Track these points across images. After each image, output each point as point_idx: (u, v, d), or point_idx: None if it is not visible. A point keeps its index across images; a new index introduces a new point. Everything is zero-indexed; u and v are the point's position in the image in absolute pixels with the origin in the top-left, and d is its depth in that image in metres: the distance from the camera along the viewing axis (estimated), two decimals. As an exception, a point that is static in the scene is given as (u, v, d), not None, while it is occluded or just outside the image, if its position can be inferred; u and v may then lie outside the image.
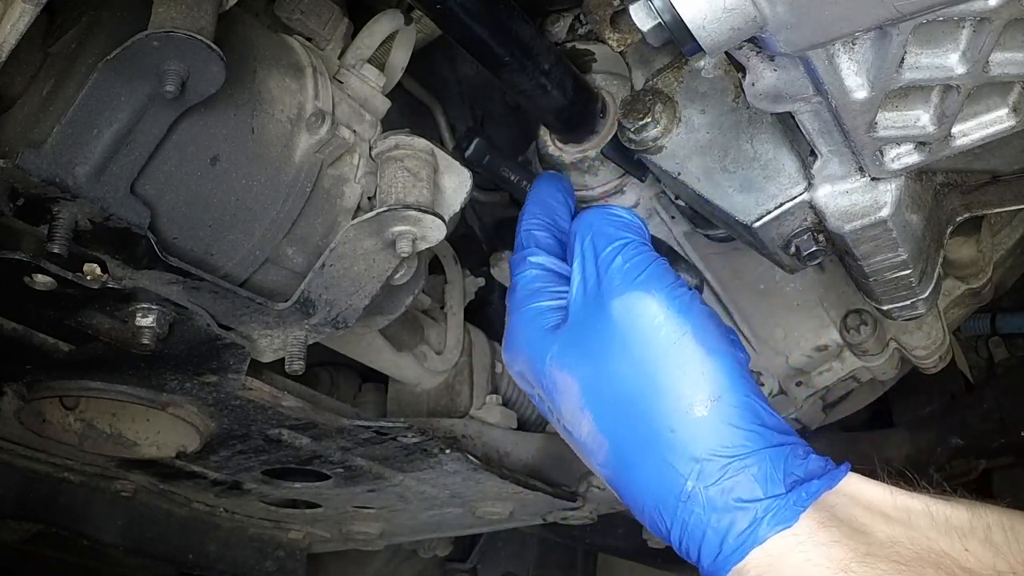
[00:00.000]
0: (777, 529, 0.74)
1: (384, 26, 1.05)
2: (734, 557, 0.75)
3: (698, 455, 0.77)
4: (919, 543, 0.72)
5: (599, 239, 0.87)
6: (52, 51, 0.81)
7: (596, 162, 1.16)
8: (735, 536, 0.75)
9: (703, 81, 0.99)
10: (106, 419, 1.15)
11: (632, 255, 0.85)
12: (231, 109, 0.84)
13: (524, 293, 0.93)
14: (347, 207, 0.97)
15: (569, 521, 1.59)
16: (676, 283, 0.84)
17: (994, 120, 0.75)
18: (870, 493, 0.77)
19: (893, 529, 0.74)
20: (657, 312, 0.81)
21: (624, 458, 0.82)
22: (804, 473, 0.77)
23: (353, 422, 1.15)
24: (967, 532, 0.73)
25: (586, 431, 0.84)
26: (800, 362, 1.30)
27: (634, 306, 0.82)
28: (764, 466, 0.76)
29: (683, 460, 0.78)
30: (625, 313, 0.82)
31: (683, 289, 0.84)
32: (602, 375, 0.83)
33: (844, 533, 0.73)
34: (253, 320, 0.95)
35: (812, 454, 0.80)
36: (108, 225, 0.78)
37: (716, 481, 0.76)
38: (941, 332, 1.30)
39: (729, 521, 0.75)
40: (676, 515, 0.78)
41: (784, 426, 0.81)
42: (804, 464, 0.78)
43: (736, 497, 0.75)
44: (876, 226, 0.87)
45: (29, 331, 0.92)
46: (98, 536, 1.38)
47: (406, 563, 2.08)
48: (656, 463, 0.79)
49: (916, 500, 0.76)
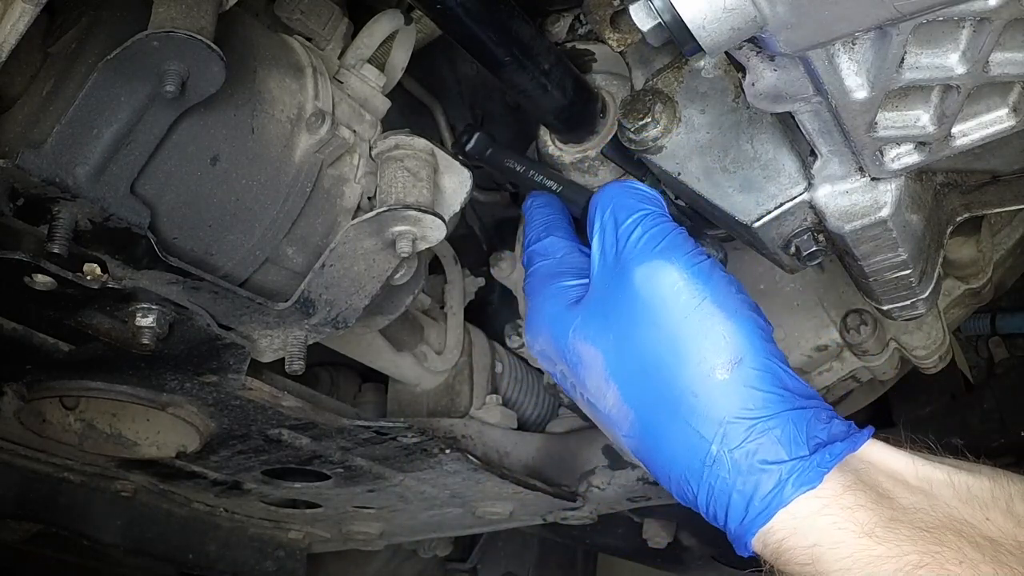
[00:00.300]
0: (802, 490, 0.74)
1: (384, 26, 1.05)
2: (760, 519, 0.75)
3: (721, 418, 0.77)
4: (941, 511, 0.73)
5: (620, 211, 0.88)
6: (52, 51, 0.81)
7: (596, 162, 1.16)
8: (760, 498, 0.75)
9: (703, 81, 0.99)
10: (106, 419, 1.15)
11: (652, 225, 0.86)
12: (231, 109, 0.84)
13: (545, 275, 0.94)
14: (347, 207, 0.97)
15: (569, 521, 1.59)
16: (696, 251, 0.84)
17: (994, 120, 0.75)
18: (893, 461, 0.77)
19: (915, 497, 0.74)
20: (677, 279, 0.82)
21: (649, 426, 0.82)
22: (827, 436, 0.77)
23: (353, 422, 1.15)
24: (988, 502, 0.74)
25: (611, 402, 0.85)
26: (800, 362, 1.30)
27: (655, 274, 0.82)
28: (787, 428, 0.76)
29: (707, 424, 0.78)
30: (646, 281, 0.83)
31: (703, 256, 0.84)
32: (625, 344, 0.83)
33: (869, 497, 0.73)
34: (253, 320, 0.95)
35: (835, 418, 0.80)
36: (108, 225, 0.78)
37: (740, 444, 0.76)
38: (941, 332, 1.30)
39: (754, 483, 0.75)
40: (702, 480, 0.78)
41: (807, 390, 0.81)
42: (827, 427, 0.78)
43: (760, 459, 0.76)
44: (876, 226, 0.87)
45: (29, 331, 0.92)
46: (98, 536, 1.38)
47: (406, 563, 2.08)
48: (681, 429, 0.79)
49: (938, 470, 0.77)
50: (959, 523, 0.72)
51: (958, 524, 0.72)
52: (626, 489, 1.50)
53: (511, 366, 1.51)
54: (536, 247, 1.00)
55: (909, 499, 0.74)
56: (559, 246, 0.98)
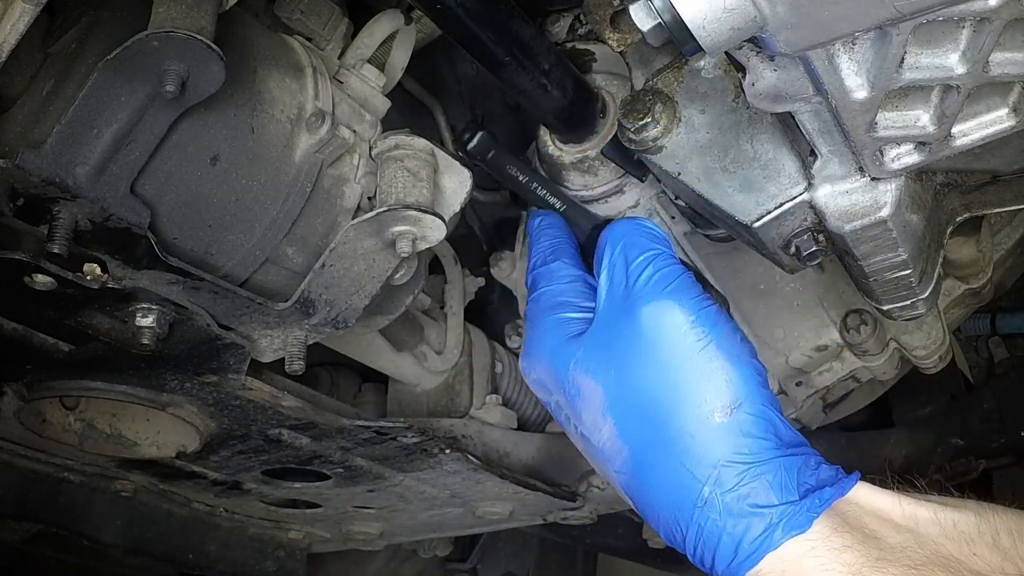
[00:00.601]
0: (792, 534, 0.75)
1: (384, 26, 1.05)
2: (748, 562, 0.76)
3: (716, 461, 0.79)
4: (927, 548, 0.74)
5: (630, 248, 0.89)
6: (52, 51, 0.81)
7: (596, 162, 1.16)
8: (750, 541, 0.76)
9: (703, 81, 0.99)
10: (106, 419, 1.15)
11: (662, 266, 0.87)
12: (231, 109, 0.84)
13: (549, 304, 0.95)
14: (347, 207, 0.97)
15: (569, 521, 1.59)
16: (703, 296, 0.86)
17: (994, 120, 0.75)
18: (879, 502, 0.79)
19: (902, 536, 0.75)
20: (684, 321, 0.83)
21: (642, 463, 0.83)
22: (816, 482, 0.79)
23: (353, 422, 1.15)
24: (975, 537, 0.74)
25: (606, 437, 0.85)
26: (800, 362, 1.30)
27: (662, 314, 0.84)
28: (779, 474, 0.78)
29: (701, 466, 0.79)
30: (653, 320, 0.84)
31: (709, 301, 0.86)
32: (626, 380, 0.84)
33: (856, 539, 0.74)
34: (253, 320, 0.95)
35: (823, 464, 0.81)
36: (108, 225, 0.78)
37: (733, 487, 0.78)
38: (941, 332, 1.30)
39: (744, 526, 0.76)
40: (692, 520, 0.79)
41: (798, 438, 0.83)
42: (816, 473, 0.79)
43: (752, 503, 0.77)
44: (876, 226, 0.87)
45: (29, 331, 0.92)
46: (98, 536, 1.38)
47: (406, 563, 2.08)
48: (674, 469, 0.80)
49: (923, 508, 0.78)
50: (946, 559, 0.73)
51: (945, 560, 0.72)
52: (626, 489, 1.50)
53: (511, 366, 1.51)
54: (541, 271, 0.99)
55: (896, 538, 0.75)
56: (565, 273, 0.98)
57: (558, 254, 1.00)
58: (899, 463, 1.77)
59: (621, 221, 0.94)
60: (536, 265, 1.01)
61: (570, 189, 1.20)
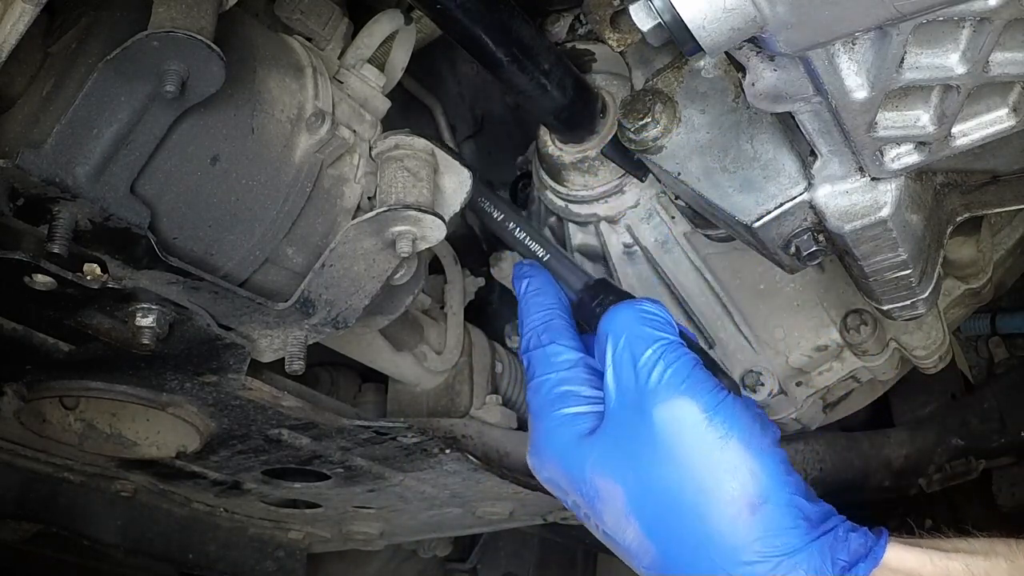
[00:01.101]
0: None
1: (384, 26, 1.05)
2: None
3: (748, 558, 0.78)
4: None
5: (635, 342, 0.86)
6: (52, 51, 0.81)
7: (596, 162, 1.16)
8: None
9: (703, 81, 0.99)
10: (106, 419, 1.15)
11: (672, 360, 0.84)
12: (231, 109, 0.84)
13: (550, 397, 0.91)
14: (347, 207, 0.97)
15: (569, 521, 1.59)
16: (718, 387, 0.84)
17: (994, 120, 0.75)
18: (910, 560, 0.79)
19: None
20: (702, 417, 0.81)
21: (673, 563, 0.82)
22: (848, 556, 0.78)
23: (353, 422, 1.15)
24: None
25: (631, 537, 0.84)
26: (800, 362, 1.30)
27: (680, 413, 0.82)
28: (813, 559, 0.78)
29: (734, 563, 0.79)
30: (671, 420, 0.82)
31: (724, 393, 0.84)
32: (648, 481, 0.83)
33: None
34: (253, 320, 0.95)
35: (852, 531, 0.81)
36: (108, 225, 0.78)
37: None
38: (941, 332, 1.30)
39: None
40: None
41: (823, 509, 0.82)
42: (847, 546, 0.79)
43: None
44: (876, 226, 0.87)
45: (29, 331, 0.92)
46: (98, 536, 1.38)
47: (406, 563, 2.08)
48: (707, 567, 0.80)
49: (954, 560, 0.78)
50: None
51: None
52: (626, 489, 1.50)
53: (511, 366, 1.51)
54: (536, 354, 0.95)
55: None
56: (564, 358, 0.93)
57: (552, 333, 0.96)
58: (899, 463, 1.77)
59: (620, 310, 0.89)
60: (530, 346, 0.97)
61: (571, 189, 1.20)
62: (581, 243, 1.27)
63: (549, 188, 1.23)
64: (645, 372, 0.84)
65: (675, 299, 1.26)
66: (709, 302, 1.25)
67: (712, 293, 1.26)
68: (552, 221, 1.30)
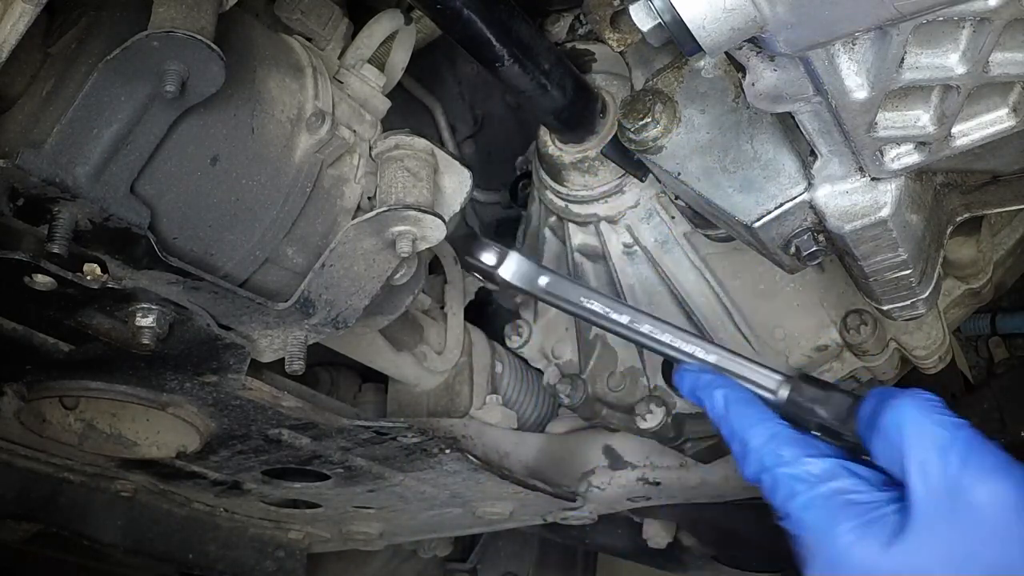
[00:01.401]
0: None
1: (384, 26, 1.05)
2: None
3: None
4: None
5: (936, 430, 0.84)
6: (52, 51, 0.81)
7: (596, 162, 1.16)
8: None
9: (703, 81, 0.99)
10: (106, 419, 1.15)
11: (978, 444, 0.83)
12: (231, 109, 0.84)
13: (832, 512, 0.87)
14: (347, 207, 0.97)
15: (569, 521, 1.59)
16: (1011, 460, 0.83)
17: (994, 120, 0.75)
18: None
19: None
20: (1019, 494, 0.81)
21: None
22: None
23: (353, 422, 1.15)
24: None
25: None
26: (800, 362, 1.30)
27: (1001, 489, 0.81)
28: None
29: None
30: (992, 500, 0.81)
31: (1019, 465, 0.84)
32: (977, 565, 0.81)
33: None
34: (253, 320, 0.95)
35: None
36: (108, 225, 0.78)
37: None
38: (941, 332, 1.30)
39: None
40: None
41: None
42: None
43: None
44: (876, 226, 0.87)
45: (29, 331, 0.92)
46: (98, 536, 1.38)
47: (406, 563, 2.08)
48: None
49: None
50: None
51: None
52: (626, 489, 1.50)
53: (511, 366, 1.51)
54: (783, 473, 0.88)
55: None
56: (822, 468, 0.88)
57: (794, 447, 0.89)
58: (899, 463, 1.76)
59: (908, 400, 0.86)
60: (769, 465, 0.89)
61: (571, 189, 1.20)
62: (581, 243, 1.27)
63: (549, 188, 1.23)
64: (956, 458, 0.83)
65: (675, 299, 1.26)
66: (709, 302, 1.25)
67: (712, 293, 1.26)
68: (552, 221, 1.30)
